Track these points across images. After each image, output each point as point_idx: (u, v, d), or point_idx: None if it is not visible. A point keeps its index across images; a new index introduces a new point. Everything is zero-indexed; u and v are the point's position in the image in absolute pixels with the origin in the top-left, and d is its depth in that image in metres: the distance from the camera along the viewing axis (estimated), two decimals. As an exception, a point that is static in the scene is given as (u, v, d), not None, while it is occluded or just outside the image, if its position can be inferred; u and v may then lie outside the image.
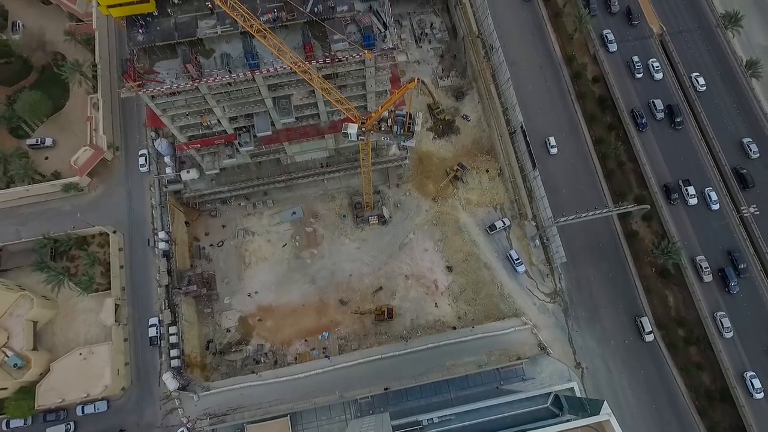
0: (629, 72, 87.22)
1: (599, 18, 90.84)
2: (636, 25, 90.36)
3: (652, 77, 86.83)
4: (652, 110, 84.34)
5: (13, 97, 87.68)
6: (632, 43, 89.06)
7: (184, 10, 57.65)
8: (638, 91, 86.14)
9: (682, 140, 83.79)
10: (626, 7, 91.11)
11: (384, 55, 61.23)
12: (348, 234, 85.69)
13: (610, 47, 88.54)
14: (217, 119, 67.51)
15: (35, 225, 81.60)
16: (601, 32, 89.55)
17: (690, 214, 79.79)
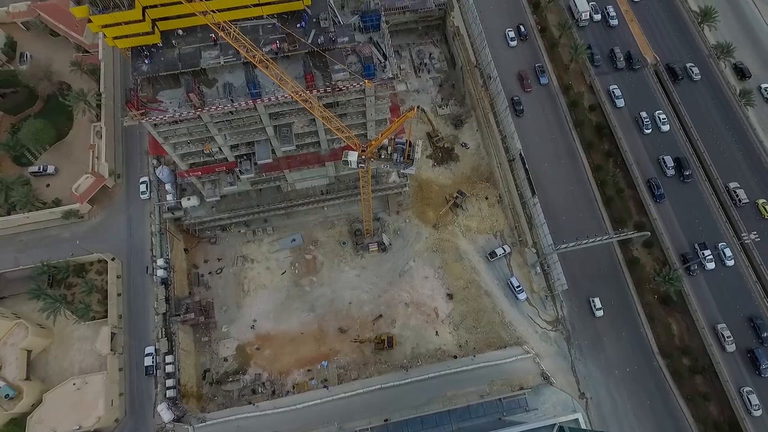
0: (638, 128, 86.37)
1: (607, 77, 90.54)
2: (637, 70, 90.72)
3: (659, 129, 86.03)
4: (663, 167, 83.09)
5: (17, 126, 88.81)
6: (637, 95, 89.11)
7: (188, 41, 59.02)
8: (647, 148, 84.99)
9: (692, 194, 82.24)
10: (627, 51, 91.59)
11: (384, 84, 62.30)
12: (348, 261, 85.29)
13: (617, 102, 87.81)
14: (218, 147, 68.16)
15: (34, 252, 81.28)
16: (607, 87, 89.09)
17: (708, 279, 77.15)
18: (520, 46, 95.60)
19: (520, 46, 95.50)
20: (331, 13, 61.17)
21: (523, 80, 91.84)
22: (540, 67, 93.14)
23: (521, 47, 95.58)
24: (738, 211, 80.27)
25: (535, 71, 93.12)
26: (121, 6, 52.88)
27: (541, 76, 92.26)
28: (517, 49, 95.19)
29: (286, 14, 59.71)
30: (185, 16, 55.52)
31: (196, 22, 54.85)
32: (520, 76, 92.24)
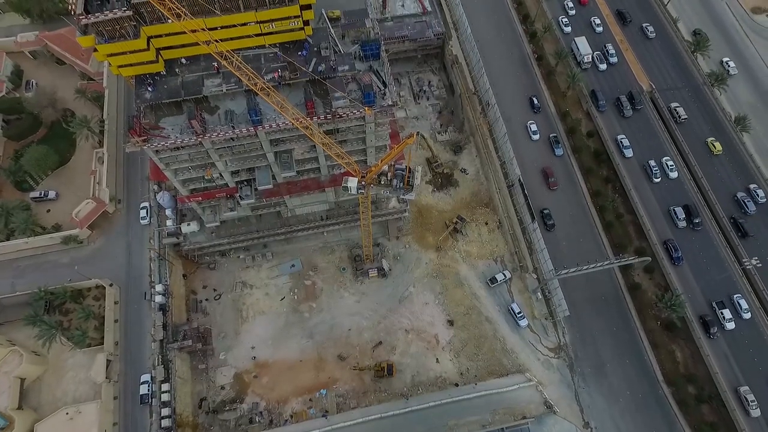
0: (647, 176, 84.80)
1: (611, 120, 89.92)
2: (640, 109, 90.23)
3: (667, 176, 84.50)
4: (674, 219, 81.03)
5: (20, 152, 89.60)
6: (644, 140, 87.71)
7: (191, 69, 60.10)
8: (657, 197, 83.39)
9: (705, 244, 79.90)
10: (629, 92, 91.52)
11: (383, 111, 63.10)
12: (347, 287, 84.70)
13: (626, 153, 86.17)
14: (219, 173, 68.58)
15: (31, 278, 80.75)
16: (615, 137, 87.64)
17: (728, 339, 73.69)
18: (519, 74, 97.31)
19: (518, 75, 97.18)
20: (332, 43, 62.48)
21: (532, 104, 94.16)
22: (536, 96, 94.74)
23: (520, 75, 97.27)
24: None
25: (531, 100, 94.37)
26: (127, 36, 54.05)
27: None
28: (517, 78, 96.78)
29: (288, 43, 61.02)
30: (189, 46, 56.66)
31: (199, 51, 55.98)
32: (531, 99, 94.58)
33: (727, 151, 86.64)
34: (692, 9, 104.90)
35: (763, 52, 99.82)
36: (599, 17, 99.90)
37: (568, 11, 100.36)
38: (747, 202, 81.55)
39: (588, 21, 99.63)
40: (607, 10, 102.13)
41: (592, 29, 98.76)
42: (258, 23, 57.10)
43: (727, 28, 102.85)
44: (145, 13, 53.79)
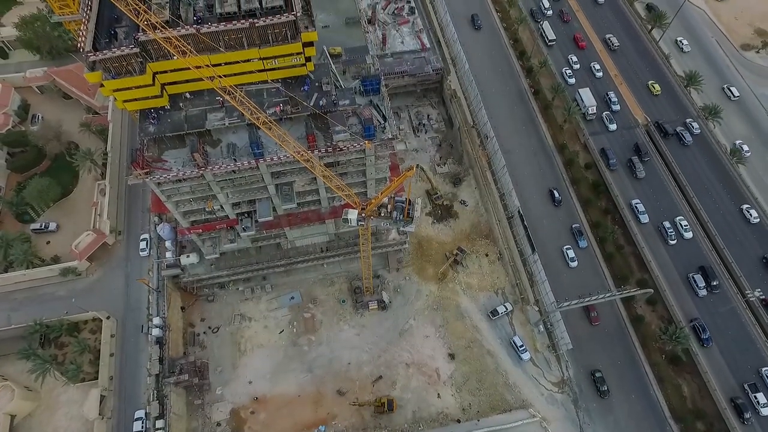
0: (662, 239, 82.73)
1: (623, 180, 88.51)
2: (647, 161, 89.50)
3: (682, 236, 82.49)
4: (694, 286, 78.40)
5: (23, 184, 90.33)
6: (657, 199, 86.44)
7: (195, 104, 61.28)
8: (675, 262, 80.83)
9: (726, 312, 77.05)
10: (634, 144, 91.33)
11: (383, 144, 63.94)
12: (347, 319, 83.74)
13: (641, 218, 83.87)
14: (220, 205, 68.92)
15: (28, 310, 79.98)
16: (629, 202, 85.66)
17: (764, 426, 69.80)
18: (516, 108, 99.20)
19: (516, 108, 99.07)
20: (333, 78, 63.95)
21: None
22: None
23: (517, 109, 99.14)
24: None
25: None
26: (133, 72, 55.39)
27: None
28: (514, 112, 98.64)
29: (290, 79, 62.44)
30: (193, 81, 57.97)
31: (203, 86, 57.18)
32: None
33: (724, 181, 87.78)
34: (684, 47, 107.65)
35: (755, 87, 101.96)
36: (599, 63, 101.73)
37: (572, 65, 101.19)
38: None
39: (588, 66, 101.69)
40: (601, 45, 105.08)
41: (592, 74, 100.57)
42: (261, 59, 58.63)
43: (719, 65, 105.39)
44: (151, 50, 55.22)
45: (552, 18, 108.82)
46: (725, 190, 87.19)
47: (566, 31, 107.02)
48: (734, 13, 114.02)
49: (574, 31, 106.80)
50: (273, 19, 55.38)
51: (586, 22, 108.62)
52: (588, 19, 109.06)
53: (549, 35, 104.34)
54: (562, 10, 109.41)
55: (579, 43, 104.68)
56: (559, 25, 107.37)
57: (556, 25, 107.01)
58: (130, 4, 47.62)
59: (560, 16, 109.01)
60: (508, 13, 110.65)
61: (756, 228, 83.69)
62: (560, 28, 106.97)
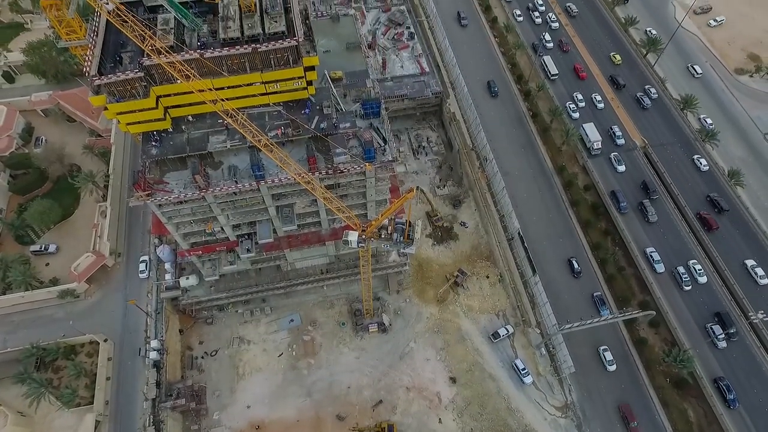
0: (677, 284, 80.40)
1: (635, 224, 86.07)
2: (655, 199, 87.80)
3: (696, 281, 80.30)
4: (712, 336, 75.41)
5: (24, 205, 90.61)
6: (669, 244, 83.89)
7: (197, 126, 62.00)
8: (692, 310, 78.46)
9: (747, 360, 74.68)
10: (641, 182, 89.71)
11: (384, 166, 64.44)
12: (347, 342, 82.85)
13: (657, 267, 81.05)
14: (220, 227, 69.00)
15: (25, 333, 79.21)
16: (644, 249, 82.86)
17: None
18: (515, 131, 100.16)
19: (515, 131, 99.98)
20: (334, 101, 64.88)
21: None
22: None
23: (516, 131, 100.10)
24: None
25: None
26: (137, 95, 56.20)
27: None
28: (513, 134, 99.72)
29: (292, 102, 63.32)
30: (196, 104, 58.73)
31: (205, 109, 57.85)
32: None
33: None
34: (678, 71, 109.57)
35: (750, 110, 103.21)
36: (600, 94, 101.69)
37: (577, 102, 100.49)
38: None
39: (590, 98, 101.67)
40: (597, 69, 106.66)
41: (594, 105, 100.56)
42: (263, 83, 59.56)
43: (714, 88, 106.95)
44: (155, 74, 56.16)
45: (553, 50, 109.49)
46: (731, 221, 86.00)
47: (566, 61, 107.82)
48: (727, 39, 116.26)
49: (574, 61, 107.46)
50: (275, 44, 56.54)
51: (583, 49, 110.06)
52: (585, 46, 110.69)
53: (551, 69, 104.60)
54: (561, 40, 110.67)
55: (579, 74, 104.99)
56: (559, 56, 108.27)
57: (556, 56, 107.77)
58: (136, 30, 48.67)
59: (559, 46, 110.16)
60: (506, 38, 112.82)
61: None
62: (560, 58, 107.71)
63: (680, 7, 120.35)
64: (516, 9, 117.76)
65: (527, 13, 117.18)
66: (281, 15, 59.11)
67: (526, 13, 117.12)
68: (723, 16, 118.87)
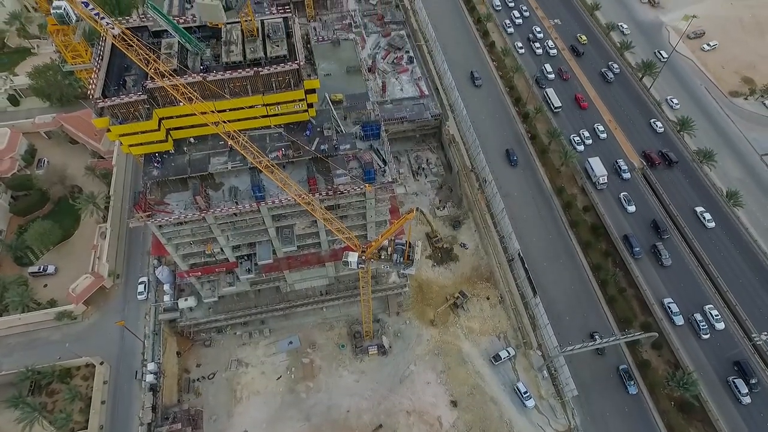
0: (695, 333, 77.49)
1: (650, 270, 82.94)
2: (666, 239, 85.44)
3: (713, 327, 77.28)
4: (736, 393, 72.08)
5: (24, 227, 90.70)
6: (685, 289, 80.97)
7: (198, 148, 62.56)
8: (711, 361, 75.42)
9: None
10: (652, 221, 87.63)
11: (383, 187, 64.79)
12: (346, 365, 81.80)
13: (676, 320, 77.65)
14: (220, 248, 68.94)
15: (20, 356, 78.27)
16: (661, 300, 79.87)
17: None
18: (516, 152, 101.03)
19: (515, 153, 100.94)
20: (334, 123, 65.63)
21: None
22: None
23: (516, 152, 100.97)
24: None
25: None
26: (140, 117, 56.92)
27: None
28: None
29: (293, 124, 64.06)
30: (198, 126, 59.44)
31: (207, 131, 58.60)
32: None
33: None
34: (674, 92, 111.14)
35: (747, 132, 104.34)
36: (602, 123, 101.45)
37: (584, 140, 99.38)
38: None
39: (592, 127, 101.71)
40: (601, 103, 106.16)
41: (596, 135, 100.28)
42: (265, 105, 60.39)
43: (710, 111, 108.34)
44: (158, 96, 56.98)
45: (554, 81, 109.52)
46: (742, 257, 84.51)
47: (566, 90, 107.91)
48: (721, 63, 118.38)
49: (575, 91, 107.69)
50: (277, 67, 57.54)
51: (583, 79, 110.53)
52: (584, 75, 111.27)
53: (554, 102, 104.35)
54: (560, 68, 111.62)
55: (581, 104, 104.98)
56: (559, 86, 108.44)
57: (557, 87, 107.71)
58: (141, 53, 49.61)
59: (559, 74, 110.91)
60: (504, 62, 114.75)
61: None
62: (561, 88, 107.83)
63: (674, 32, 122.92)
64: (518, 41, 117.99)
65: (528, 44, 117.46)
66: (283, 40, 60.37)
67: (527, 45, 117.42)
68: (716, 41, 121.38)
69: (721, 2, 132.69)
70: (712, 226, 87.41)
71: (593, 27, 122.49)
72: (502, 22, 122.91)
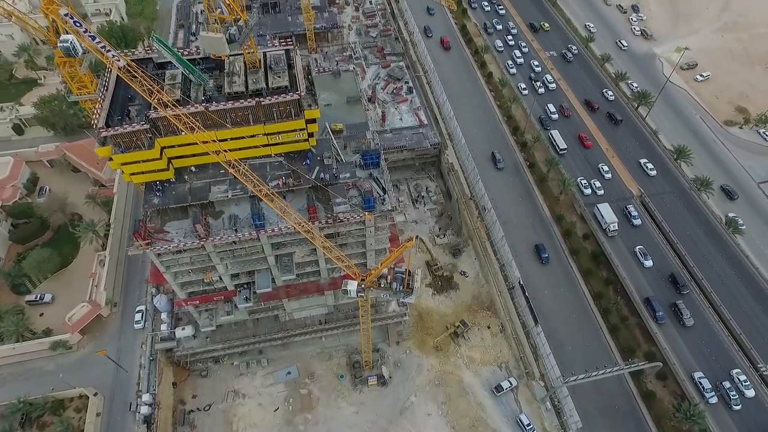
0: (725, 405, 72.46)
1: (674, 336, 78.48)
2: (686, 294, 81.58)
3: (743, 395, 72.87)
4: None
5: (23, 254, 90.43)
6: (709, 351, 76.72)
7: (199, 176, 63.02)
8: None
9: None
10: (669, 275, 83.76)
11: (383, 216, 64.91)
12: (345, 396, 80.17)
13: (708, 397, 72.43)
14: (219, 276, 68.57)
15: (13, 387, 76.77)
16: (691, 374, 74.60)
17: None
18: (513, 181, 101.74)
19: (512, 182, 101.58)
20: (334, 152, 66.34)
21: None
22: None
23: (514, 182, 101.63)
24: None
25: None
26: (142, 146, 57.56)
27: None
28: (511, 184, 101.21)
29: (293, 153, 64.70)
30: (199, 155, 59.98)
31: (208, 159, 59.00)
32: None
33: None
34: (670, 123, 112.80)
35: (743, 160, 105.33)
36: (607, 165, 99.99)
37: (593, 187, 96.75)
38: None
39: (597, 168, 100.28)
40: (606, 143, 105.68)
41: (601, 175, 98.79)
42: (266, 135, 61.14)
43: (706, 140, 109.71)
44: (160, 125, 57.78)
45: (558, 121, 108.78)
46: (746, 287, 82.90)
47: (569, 128, 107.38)
48: (715, 93, 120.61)
49: (578, 130, 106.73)
50: (278, 98, 58.55)
51: (584, 115, 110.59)
52: (585, 113, 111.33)
53: (560, 144, 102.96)
54: (562, 105, 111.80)
55: (585, 143, 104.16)
56: (562, 124, 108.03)
57: (561, 127, 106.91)
58: (145, 84, 50.56)
59: (561, 111, 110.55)
60: (501, 92, 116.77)
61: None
62: (564, 127, 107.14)
63: (667, 63, 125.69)
64: (521, 83, 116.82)
65: (530, 83, 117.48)
66: (284, 71, 61.63)
67: (530, 84, 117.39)
68: (709, 72, 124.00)
69: (712, 35, 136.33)
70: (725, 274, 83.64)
71: (589, 58, 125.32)
72: (504, 62, 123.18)
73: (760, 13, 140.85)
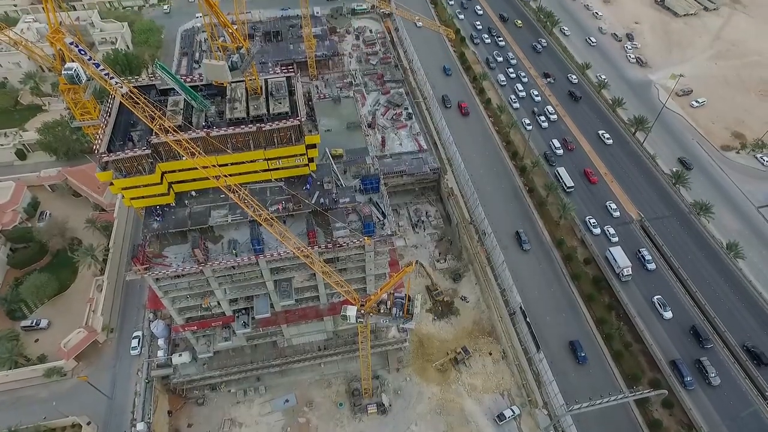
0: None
1: (705, 404, 72.97)
2: (709, 348, 77.27)
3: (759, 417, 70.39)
4: None
5: (20, 279, 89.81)
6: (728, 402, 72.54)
7: (199, 201, 63.15)
8: None
9: None
10: (691, 327, 79.55)
11: (383, 240, 64.72)
12: (344, 425, 78.36)
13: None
14: (217, 301, 67.95)
15: (5, 416, 75.00)
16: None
17: None
18: (512, 206, 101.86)
19: (512, 206, 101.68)
20: (334, 177, 66.64)
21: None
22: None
23: (513, 207, 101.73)
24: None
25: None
26: (143, 171, 57.86)
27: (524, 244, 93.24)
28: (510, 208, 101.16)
29: (293, 177, 65.02)
30: (199, 180, 60.28)
31: (208, 184, 59.37)
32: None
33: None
34: (668, 147, 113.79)
35: (741, 185, 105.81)
36: (614, 201, 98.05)
37: (606, 230, 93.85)
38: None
39: (603, 205, 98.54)
40: (611, 176, 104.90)
41: (608, 213, 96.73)
42: (266, 160, 61.55)
43: (704, 164, 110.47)
44: (161, 150, 58.24)
45: (563, 156, 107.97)
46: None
47: (574, 162, 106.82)
48: (711, 118, 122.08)
49: (584, 165, 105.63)
50: (279, 123, 59.19)
51: (586, 145, 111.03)
52: (587, 145, 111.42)
53: (567, 182, 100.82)
54: (565, 138, 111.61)
55: (591, 179, 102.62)
56: (567, 160, 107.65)
57: (567, 164, 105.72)
58: (147, 111, 51.16)
59: (564, 144, 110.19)
60: (500, 118, 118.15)
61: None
62: (569, 162, 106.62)
63: (663, 89, 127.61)
64: (525, 118, 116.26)
65: (533, 117, 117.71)
66: (285, 97, 62.49)
67: (533, 118, 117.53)
68: (704, 98, 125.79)
69: (706, 62, 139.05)
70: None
71: (585, 84, 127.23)
72: (507, 97, 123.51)
73: (751, 42, 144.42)
